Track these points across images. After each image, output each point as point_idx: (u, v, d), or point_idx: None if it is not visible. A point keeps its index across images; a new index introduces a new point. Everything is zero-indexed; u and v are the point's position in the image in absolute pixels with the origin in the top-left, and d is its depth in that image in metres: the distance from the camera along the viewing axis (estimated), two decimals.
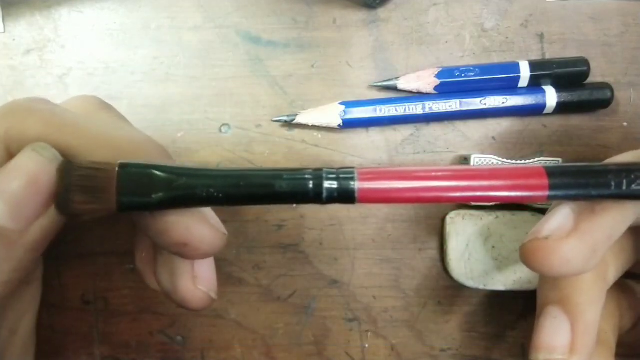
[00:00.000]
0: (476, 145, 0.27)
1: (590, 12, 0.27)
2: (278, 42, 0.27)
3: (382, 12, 0.27)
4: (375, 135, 0.27)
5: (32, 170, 0.16)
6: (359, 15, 0.27)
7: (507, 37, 0.27)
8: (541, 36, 0.27)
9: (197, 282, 0.18)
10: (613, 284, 0.19)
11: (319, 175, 0.16)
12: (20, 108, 0.17)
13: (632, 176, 0.16)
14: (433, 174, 0.16)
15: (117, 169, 0.15)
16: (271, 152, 0.27)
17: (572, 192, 0.16)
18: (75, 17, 0.27)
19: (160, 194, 0.15)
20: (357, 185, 0.15)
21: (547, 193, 0.16)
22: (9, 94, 0.27)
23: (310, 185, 0.15)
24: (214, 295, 0.19)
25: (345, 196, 0.16)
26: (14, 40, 0.27)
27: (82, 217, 0.16)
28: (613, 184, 0.16)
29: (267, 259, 0.27)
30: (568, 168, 0.16)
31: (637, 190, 0.16)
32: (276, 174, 0.16)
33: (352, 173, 0.16)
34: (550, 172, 0.16)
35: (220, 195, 0.15)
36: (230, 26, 0.27)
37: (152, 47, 0.27)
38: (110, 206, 0.15)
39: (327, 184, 0.15)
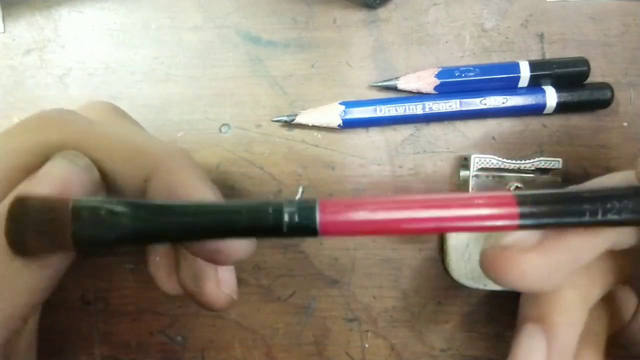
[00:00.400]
0: (476, 145, 0.27)
1: (590, 12, 0.27)
2: (278, 42, 0.27)
3: (382, 12, 0.27)
4: (375, 135, 0.27)
5: (64, 177, 0.15)
6: (359, 15, 0.27)
7: (507, 37, 0.27)
8: (541, 36, 0.27)
9: (220, 285, 0.19)
10: None
11: (278, 208, 0.15)
12: (54, 119, 0.17)
13: (608, 205, 0.15)
14: (400, 204, 0.15)
15: (70, 205, 0.14)
16: (271, 152, 0.27)
17: (544, 221, 0.15)
18: (75, 17, 0.27)
19: (117, 231, 0.14)
20: (318, 217, 0.15)
21: (517, 222, 0.15)
22: (9, 94, 0.27)
23: (270, 219, 0.15)
24: (235, 296, 0.19)
25: (307, 229, 0.15)
26: (14, 40, 0.27)
27: (38, 256, 0.15)
28: (588, 213, 0.15)
29: (267, 259, 0.27)
30: (540, 196, 0.15)
31: (613, 219, 0.15)
32: (235, 209, 0.15)
33: (314, 205, 0.15)
34: (521, 200, 0.15)
35: (179, 232, 0.15)
36: (230, 26, 0.27)
37: (152, 47, 0.27)
38: (66, 244, 0.14)
39: (287, 217, 0.15)
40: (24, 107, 0.27)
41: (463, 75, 0.26)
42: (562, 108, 0.26)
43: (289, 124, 0.27)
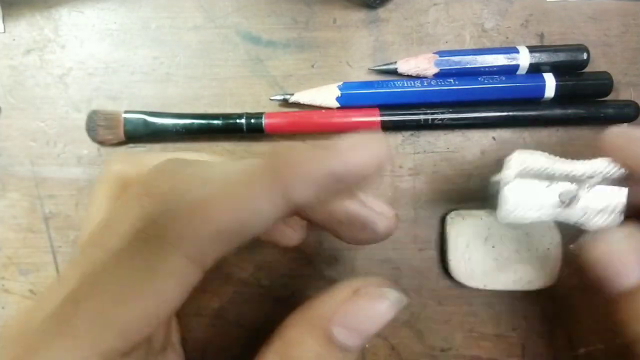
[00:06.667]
0: (476, 145, 0.27)
1: (590, 12, 0.27)
2: (278, 42, 0.27)
3: (382, 12, 0.27)
4: None
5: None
6: (359, 15, 0.27)
7: (507, 37, 0.27)
8: (541, 36, 0.27)
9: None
10: None
11: (241, 117, 0.26)
12: None
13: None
14: (312, 114, 0.26)
15: (122, 115, 0.26)
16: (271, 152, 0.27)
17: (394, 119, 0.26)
18: (75, 17, 0.27)
19: (146, 130, 0.25)
20: (264, 121, 0.25)
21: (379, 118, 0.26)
22: (9, 94, 0.27)
23: (237, 122, 0.25)
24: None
25: (258, 128, 0.26)
26: (14, 40, 0.27)
27: (104, 143, 0.26)
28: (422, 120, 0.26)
29: (267, 259, 0.27)
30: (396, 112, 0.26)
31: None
32: (216, 116, 0.26)
33: (262, 115, 0.26)
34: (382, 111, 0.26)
35: (183, 130, 0.26)
36: (230, 26, 0.27)
37: (152, 47, 0.27)
38: (120, 136, 0.26)
39: (245, 122, 0.25)
40: (24, 107, 0.27)
41: (461, 62, 0.26)
42: (562, 98, 0.26)
43: (287, 103, 0.27)
